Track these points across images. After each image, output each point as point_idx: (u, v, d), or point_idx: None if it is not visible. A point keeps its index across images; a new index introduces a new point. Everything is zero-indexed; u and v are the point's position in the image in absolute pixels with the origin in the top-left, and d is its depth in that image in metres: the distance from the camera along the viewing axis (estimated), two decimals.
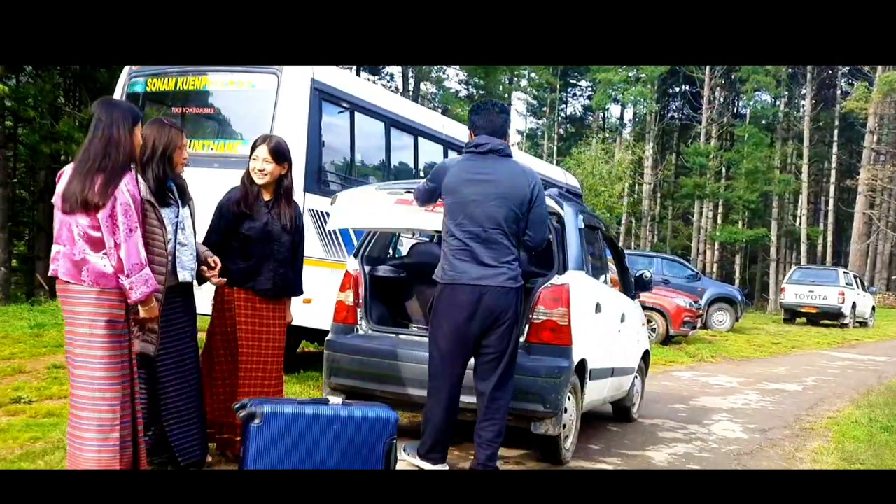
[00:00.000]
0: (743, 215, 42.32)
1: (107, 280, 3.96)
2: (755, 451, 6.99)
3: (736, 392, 10.84)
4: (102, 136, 3.98)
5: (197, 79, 8.24)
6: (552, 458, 5.73)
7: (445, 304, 4.99)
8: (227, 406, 4.91)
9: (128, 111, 4.12)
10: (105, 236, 3.93)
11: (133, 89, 8.58)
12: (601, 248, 6.92)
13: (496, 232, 4.96)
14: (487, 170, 5.00)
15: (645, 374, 8.30)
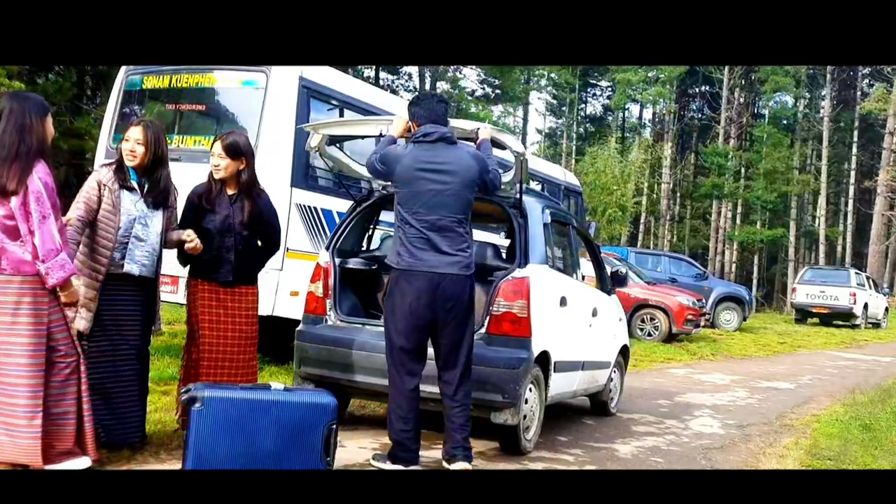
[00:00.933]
0: (762, 216, 42.01)
1: (27, 267, 4.08)
2: (726, 446, 7.01)
3: (725, 389, 10.84)
4: (15, 124, 4.10)
5: (190, 77, 8.39)
6: (512, 448, 5.80)
7: (401, 289, 5.01)
8: None
9: (39, 103, 4.26)
10: (19, 223, 4.04)
11: (130, 87, 8.75)
12: (572, 243, 6.97)
13: (452, 221, 5.02)
14: (440, 159, 5.03)
15: (624, 368, 8.33)
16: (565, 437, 6.72)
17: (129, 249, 4.74)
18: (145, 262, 4.83)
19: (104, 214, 4.65)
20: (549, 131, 49.72)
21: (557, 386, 6.31)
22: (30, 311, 4.11)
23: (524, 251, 5.85)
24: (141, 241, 4.79)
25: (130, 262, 4.76)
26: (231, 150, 5.01)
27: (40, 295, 4.14)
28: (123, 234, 4.71)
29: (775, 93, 41.64)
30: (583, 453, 6.20)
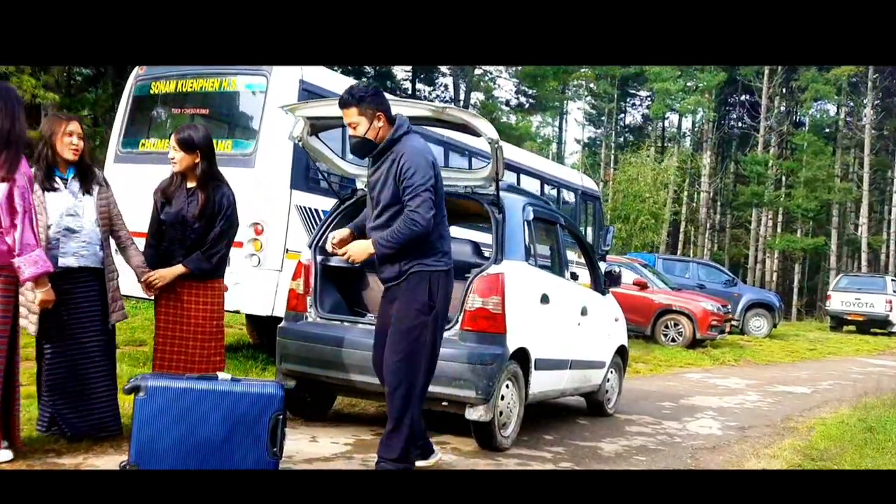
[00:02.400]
0: (803, 224, 41.23)
1: (1, 257, 4.11)
2: (718, 447, 6.84)
3: (737, 393, 10.61)
4: (7, 112, 4.13)
5: (195, 81, 8.45)
6: (487, 444, 5.71)
7: (448, 291, 4.83)
8: None
9: (18, 98, 4.30)
10: (2, 216, 4.07)
11: (139, 92, 8.85)
12: (560, 242, 6.86)
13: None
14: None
15: (623, 369, 8.18)
16: (552, 435, 6.61)
17: (62, 244, 4.66)
18: (83, 252, 4.74)
19: None
20: (587, 141, 49.42)
21: (540, 384, 6.21)
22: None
23: (500, 247, 5.77)
24: (74, 232, 4.70)
25: (65, 256, 4.67)
26: (184, 144, 4.99)
27: (10, 283, 4.19)
28: (55, 231, 4.63)
29: (816, 101, 40.93)
30: (563, 451, 6.08)
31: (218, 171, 5.14)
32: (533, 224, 6.30)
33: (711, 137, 40.77)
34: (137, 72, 8.94)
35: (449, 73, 35.90)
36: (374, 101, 4.63)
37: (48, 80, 14.84)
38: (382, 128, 4.64)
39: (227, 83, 8.31)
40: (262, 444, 4.14)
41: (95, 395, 4.83)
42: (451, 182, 6.23)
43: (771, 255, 40.17)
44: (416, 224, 4.46)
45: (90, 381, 4.79)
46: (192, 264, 4.99)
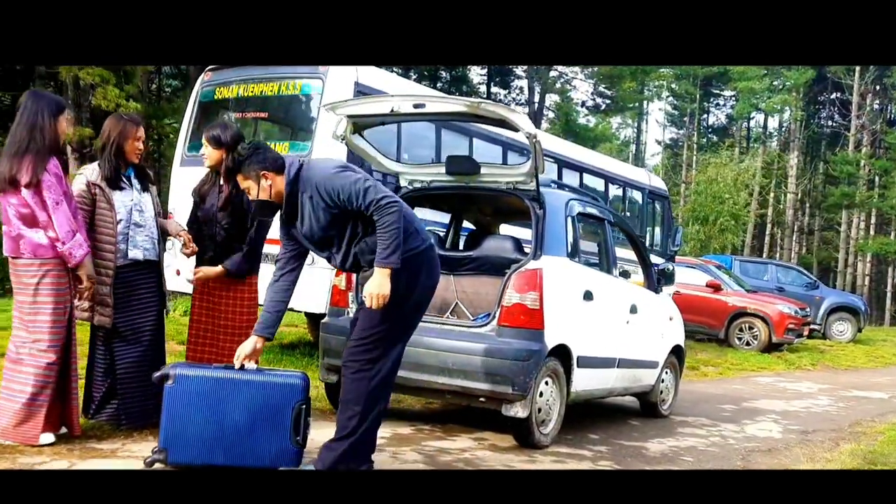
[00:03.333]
0: None
1: (44, 250, 4.38)
2: (775, 450, 6.63)
3: (806, 397, 10.27)
4: (27, 122, 4.38)
5: (255, 86, 8.62)
6: (524, 441, 5.65)
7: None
8: None
9: (52, 101, 4.53)
10: (36, 212, 4.33)
11: (204, 98, 9.07)
12: (608, 239, 6.74)
13: None
14: None
15: (679, 370, 7.98)
16: (598, 434, 6.50)
17: (131, 237, 4.90)
18: (147, 245, 4.97)
19: (101, 212, 4.78)
20: (669, 142, 48.53)
21: (583, 382, 6.11)
22: (52, 292, 4.40)
23: (540, 243, 5.72)
24: (140, 226, 4.94)
25: (134, 249, 4.91)
26: (213, 141, 5.11)
27: (61, 276, 4.42)
28: (125, 225, 4.86)
29: None
30: (606, 450, 5.97)
31: None
32: (578, 220, 6.21)
33: (799, 137, 39.56)
34: (203, 78, 9.17)
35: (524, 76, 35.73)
36: (252, 162, 4.22)
37: (131, 91, 15.32)
38: (273, 184, 4.23)
39: (286, 87, 8.45)
40: (286, 432, 4.18)
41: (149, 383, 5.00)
42: (493, 179, 6.22)
43: (863, 258, 38.72)
44: (393, 224, 4.09)
45: (147, 370, 4.96)
46: (233, 266, 5.10)
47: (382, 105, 5.74)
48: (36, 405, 4.41)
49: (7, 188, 4.33)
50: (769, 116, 43.83)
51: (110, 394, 4.97)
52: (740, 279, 16.84)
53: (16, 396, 4.41)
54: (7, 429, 4.42)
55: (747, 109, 40.22)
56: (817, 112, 45.36)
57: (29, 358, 4.41)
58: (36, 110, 4.41)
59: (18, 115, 4.45)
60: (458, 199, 6.99)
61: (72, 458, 4.33)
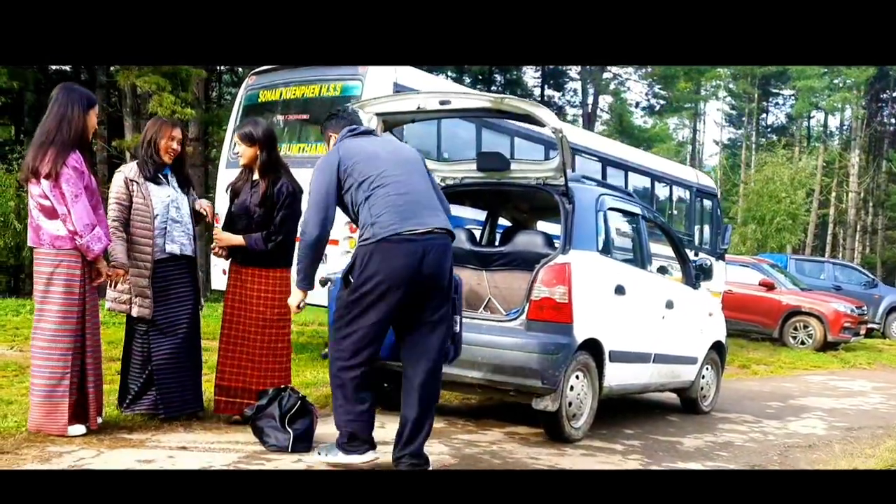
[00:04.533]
0: None
1: (62, 242, 4.44)
2: (815, 446, 6.45)
3: (857, 395, 9.97)
4: (56, 114, 4.45)
5: (297, 88, 8.73)
6: (555, 435, 5.60)
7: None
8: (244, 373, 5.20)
9: (83, 95, 4.58)
10: (55, 205, 4.39)
11: (248, 101, 9.20)
12: (642, 234, 6.64)
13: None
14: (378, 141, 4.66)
15: (721, 366, 7.81)
16: (633, 429, 6.41)
17: (168, 232, 5.01)
18: (184, 241, 5.10)
19: (138, 207, 4.93)
20: (728, 142, 47.67)
21: (617, 377, 6.03)
22: (62, 282, 4.46)
23: (569, 237, 5.66)
24: (177, 222, 5.06)
25: (171, 243, 5.03)
26: (246, 138, 5.17)
27: (74, 268, 4.48)
28: (162, 220, 4.98)
29: None
30: (638, 444, 5.87)
31: (279, 162, 5.25)
32: (610, 215, 6.14)
33: (861, 135, 38.55)
34: (248, 82, 9.32)
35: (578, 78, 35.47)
36: (327, 123, 4.86)
37: (187, 98, 15.62)
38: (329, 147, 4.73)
39: (326, 88, 8.52)
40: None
41: (188, 374, 5.12)
42: (523, 175, 6.18)
43: None
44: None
45: (186, 359, 5.09)
46: (251, 240, 5.15)
47: (409, 102, 5.75)
48: (56, 396, 4.46)
49: (30, 178, 4.42)
50: (829, 115, 42.82)
51: (147, 385, 5.06)
52: (795, 278, 16.47)
53: (37, 389, 4.50)
54: (37, 420, 4.51)
55: (807, 108, 39.39)
56: (879, 110, 44.11)
57: (41, 350, 4.48)
58: (66, 102, 4.48)
59: (49, 106, 4.51)
60: (493, 195, 6.97)
61: (101, 447, 4.41)
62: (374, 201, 4.22)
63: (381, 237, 4.15)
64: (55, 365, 4.47)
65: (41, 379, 4.48)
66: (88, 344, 4.59)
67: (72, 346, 4.50)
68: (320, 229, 4.29)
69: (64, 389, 4.48)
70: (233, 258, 5.28)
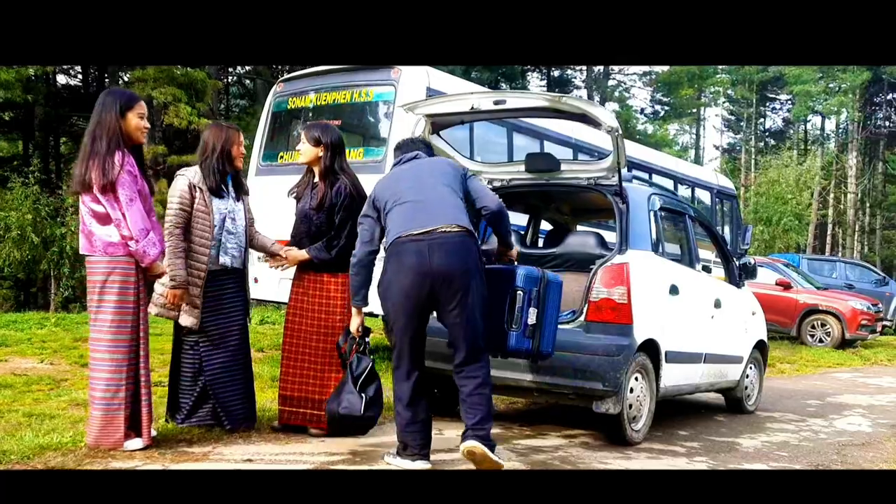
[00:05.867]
0: None
1: (115, 248, 4.23)
2: (868, 443, 6.26)
3: (890, 392, 9.78)
4: (95, 120, 4.28)
5: (328, 94, 8.56)
6: (617, 438, 5.40)
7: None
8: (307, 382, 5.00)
9: (122, 95, 4.38)
10: (109, 211, 4.19)
11: (277, 108, 9.03)
12: (689, 234, 6.47)
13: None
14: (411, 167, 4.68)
15: (763, 365, 7.64)
16: (687, 430, 6.22)
17: (223, 244, 4.81)
18: (236, 253, 4.90)
19: (199, 214, 4.70)
20: (727, 147, 47.61)
21: (672, 377, 5.84)
22: (115, 290, 4.26)
23: (625, 237, 5.48)
24: (231, 234, 4.87)
25: (224, 255, 4.83)
26: (311, 138, 5.03)
27: (129, 275, 4.27)
28: (218, 231, 4.78)
29: None
30: (699, 446, 5.68)
31: (340, 166, 5.06)
32: (660, 215, 5.96)
33: (857, 138, 38.48)
34: (276, 89, 9.15)
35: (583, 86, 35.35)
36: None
37: (202, 108, 15.48)
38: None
39: (359, 94, 8.36)
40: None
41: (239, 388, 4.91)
42: (573, 174, 6.01)
43: None
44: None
45: (238, 372, 4.89)
46: (313, 251, 4.98)
47: (462, 103, 5.57)
48: (112, 409, 4.27)
49: (81, 189, 4.23)
50: (826, 119, 42.79)
51: (201, 398, 4.86)
52: (809, 277, 16.31)
53: (95, 403, 4.30)
54: (95, 434, 4.31)
55: (804, 112, 39.30)
56: (874, 113, 44.10)
57: (97, 362, 4.30)
58: (101, 108, 4.30)
59: (94, 115, 4.33)
60: (534, 197, 6.79)
61: (164, 461, 4.20)
62: (390, 218, 4.44)
63: (389, 243, 4.38)
64: (110, 377, 4.27)
65: (98, 392, 4.28)
66: (142, 354, 4.38)
67: (126, 356, 4.29)
68: (359, 249, 4.53)
69: (119, 402, 4.27)
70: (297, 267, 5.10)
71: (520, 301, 4.50)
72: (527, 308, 4.52)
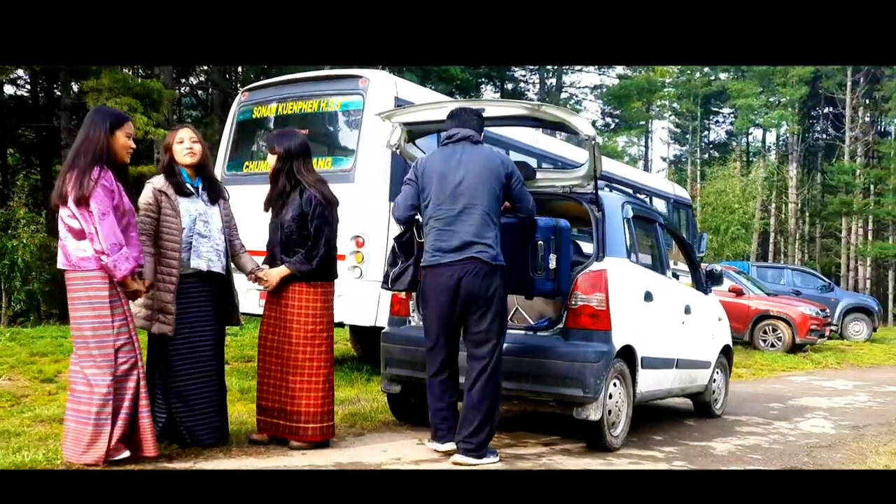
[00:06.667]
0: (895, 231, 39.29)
1: (87, 262, 4.09)
2: (835, 445, 6.31)
3: (845, 394, 9.93)
4: (81, 136, 4.20)
5: (294, 104, 8.40)
6: (597, 444, 5.35)
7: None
8: (280, 393, 4.86)
9: (107, 115, 4.30)
10: (83, 225, 4.07)
11: (242, 117, 8.85)
12: (660, 241, 6.47)
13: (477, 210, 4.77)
14: (458, 156, 4.87)
15: (728, 370, 7.68)
16: (661, 435, 6.20)
17: (195, 247, 4.65)
18: (212, 257, 4.72)
19: (166, 219, 4.56)
20: (673, 158, 48.34)
21: (647, 383, 5.82)
22: (88, 305, 4.11)
23: (601, 244, 5.45)
24: (204, 237, 4.69)
25: (197, 259, 4.66)
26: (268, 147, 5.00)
27: (101, 289, 4.11)
28: (188, 233, 4.62)
29: None
30: (675, 451, 5.66)
31: (304, 173, 4.92)
32: (632, 222, 5.96)
33: (797, 150, 39.37)
34: (240, 98, 8.96)
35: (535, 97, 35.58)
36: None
37: (158, 118, 15.18)
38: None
39: (326, 104, 8.23)
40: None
41: (207, 399, 4.71)
42: (549, 183, 5.98)
43: (863, 262, 38.42)
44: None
45: (204, 384, 4.69)
46: (294, 266, 4.83)
47: (440, 111, 5.51)
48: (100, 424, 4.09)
49: (58, 201, 4.12)
50: (767, 131, 43.69)
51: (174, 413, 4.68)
52: (759, 283, 16.55)
53: (79, 417, 4.12)
54: (73, 449, 4.14)
55: (746, 125, 40.12)
56: (812, 126, 45.21)
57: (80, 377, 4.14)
58: (89, 124, 4.22)
59: (81, 130, 4.25)
60: None
61: None
62: (428, 230, 4.87)
63: (425, 265, 4.87)
64: (96, 391, 4.09)
65: (83, 406, 4.10)
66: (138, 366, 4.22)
67: (111, 371, 4.11)
68: (396, 215, 5.09)
69: (106, 416, 4.09)
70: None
71: (541, 250, 5.03)
72: (548, 255, 5.03)
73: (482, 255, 4.70)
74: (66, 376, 7.40)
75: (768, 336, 14.81)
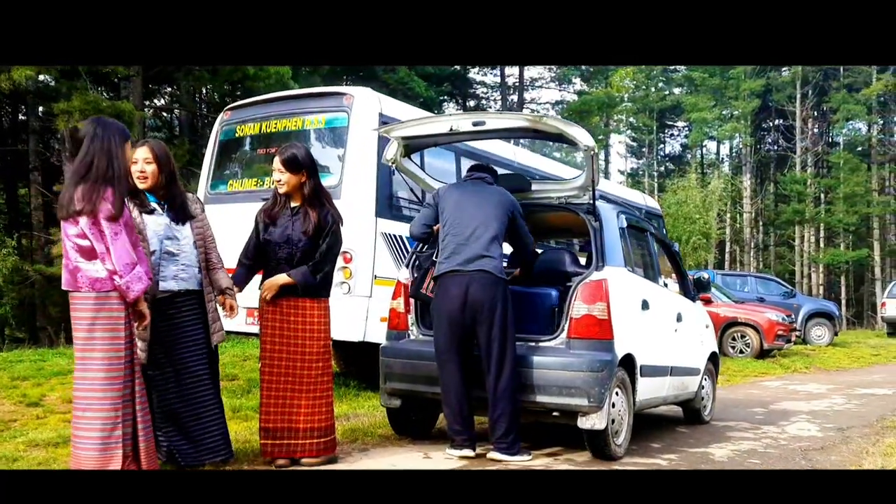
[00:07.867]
0: (845, 238, 40.06)
1: (101, 284, 3.89)
2: (827, 447, 6.30)
3: (822, 397, 9.98)
4: (100, 149, 3.95)
5: (277, 122, 8.27)
6: (601, 454, 5.26)
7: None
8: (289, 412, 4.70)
9: (119, 128, 4.08)
10: (94, 244, 3.86)
11: (225, 136, 8.68)
12: (651, 250, 6.44)
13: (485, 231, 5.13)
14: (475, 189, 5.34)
15: (715, 376, 7.66)
16: (659, 443, 6.13)
17: (163, 268, 4.42)
18: (183, 275, 4.49)
19: None
20: (630, 171, 48.80)
21: (645, 391, 5.76)
22: (106, 326, 3.91)
23: (601, 254, 5.39)
24: (174, 255, 4.46)
25: (166, 280, 4.44)
26: (289, 164, 4.69)
27: (116, 310, 3.93)
28: (156, 259, 4.40)
29: (848, 121, 39.98)
30: (677, 458, 5.60)
31: (323, 189, 4.84)
32: (627, 232, 5.91)
33: (750, 161, 39.99)
34: (223, 117, 8.79)
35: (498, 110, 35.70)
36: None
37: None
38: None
39: (310, 121, 8.10)
40: None
41: (206, 419, 4.53)
42: (545, 195, 5.91)
43: (816, 269, 39.08)
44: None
45: (201, 404, 4.51)
46: (299, 276, 4.65)
47: (440, 125, 5.42)
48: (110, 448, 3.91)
49: (67, 217, 3.89)
50: (721, 143, 44.30)
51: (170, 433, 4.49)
52: (725, 291, 16.66)
53: (84, 442, 3.91)
54: None
55: (700, 138, 40.67)
56: (763, 137, 45.97)
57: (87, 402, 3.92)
58: (102, 136, 3.97)
59: (87, 142, 3.97)
60: None
61: None
62: (444, 245, 5.20)
63: (439, 273, 5.18)
64: (107, 415, 3.89)
65: (90, 431, 3.89)
66: (137, 390, 4.04)
67: (121, 393, 3.93)
68: (412, 230, 5.54)
69: (117, 440, 3.90)
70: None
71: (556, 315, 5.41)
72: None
73: (488, 267, 5.01)
74: (52, 399, 7.22)
75: (737, 343, 14.90)
